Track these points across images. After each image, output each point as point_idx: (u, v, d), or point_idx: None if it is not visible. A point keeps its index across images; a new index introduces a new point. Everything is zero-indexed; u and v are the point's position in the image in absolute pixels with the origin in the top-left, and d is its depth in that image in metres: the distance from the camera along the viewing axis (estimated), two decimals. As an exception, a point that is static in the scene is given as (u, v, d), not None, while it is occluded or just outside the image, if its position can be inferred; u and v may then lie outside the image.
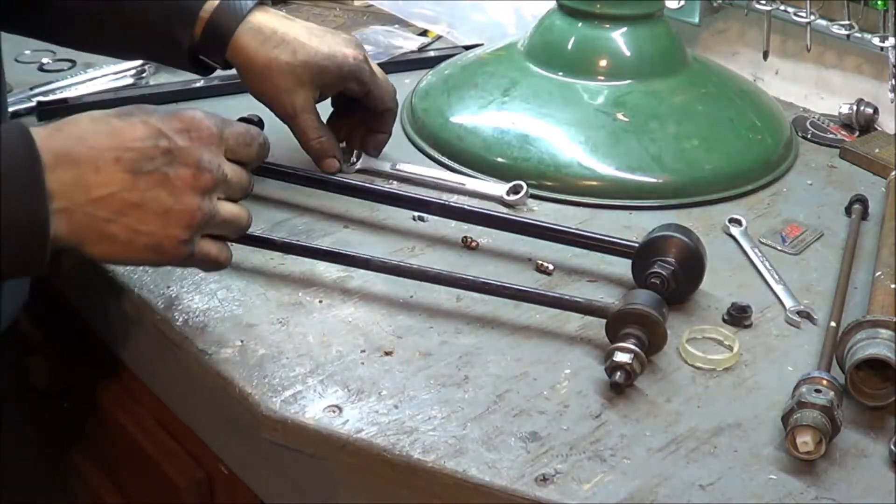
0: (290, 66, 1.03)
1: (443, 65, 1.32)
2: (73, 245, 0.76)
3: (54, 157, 0.74)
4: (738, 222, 1.06)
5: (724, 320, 0.92)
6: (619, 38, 1.19)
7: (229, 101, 1.23)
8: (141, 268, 0.96)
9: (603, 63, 1.18)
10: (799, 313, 0.93)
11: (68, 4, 1.04)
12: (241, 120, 1.12)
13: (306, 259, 0.97)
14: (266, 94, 1.06)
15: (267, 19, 1.04)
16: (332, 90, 1.09)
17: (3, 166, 0.71)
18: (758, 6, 1.30)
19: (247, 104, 1.11)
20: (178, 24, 1.03)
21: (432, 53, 1.45)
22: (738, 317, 0.92)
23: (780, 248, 1.03)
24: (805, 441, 0.75)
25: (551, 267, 0.98)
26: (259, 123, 1.13)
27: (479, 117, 1.18)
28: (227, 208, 0.83)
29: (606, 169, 1.11)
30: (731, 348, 0.88)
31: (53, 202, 0.73)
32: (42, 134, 0.74)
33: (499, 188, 1.09)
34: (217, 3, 1.03)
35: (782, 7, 1.29)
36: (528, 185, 1.10)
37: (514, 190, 1.08)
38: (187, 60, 1.05)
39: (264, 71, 1.04)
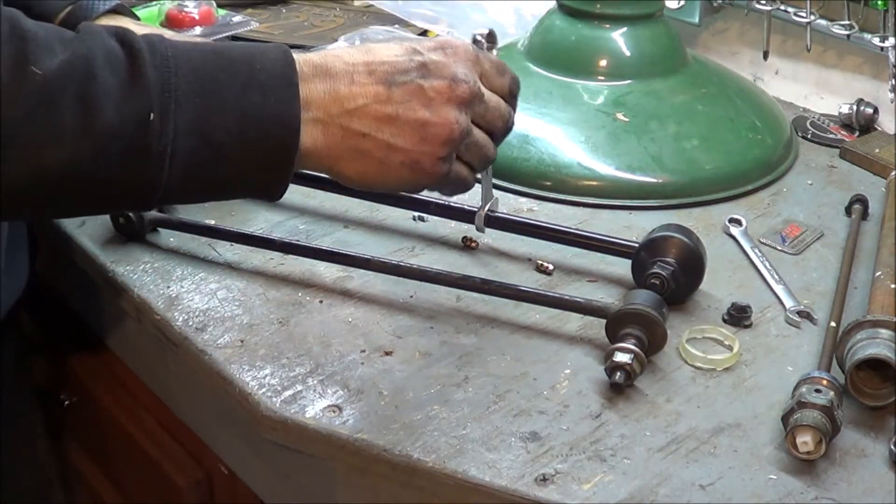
0: None
1: (443, 65, 1.32)
2: (326, 164, 0.75)
3: (312, 67, 0.74)
4: (738, 222, 1.06)
5: (724, 320, 0.92)
6: (619, 38, 1.19)
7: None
8: (141, 268, 0.96)
9: (603, 63, 1.18)
10: (799, 313, 0.93)
11: None
12: None
13: (306, 259, 0.97)
14: None
15: (111, 24, 1.03)
16: None
17: (260, 71, 0.72)
18: (758, 6, 1.30)
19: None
20: None
21: (432, 53, 1.44)
22: (738, 317, 0.92)
23: (780, 248, 1.03)
24: (805, 441, 0.75)
25: (551, 267, 0.98)
26: None
27: (479, 117, 1.17)
28: (480, 133, 0.79)
29: (606, 169, 1.11)
30: (731, 348, 0.88)
31: (308, 111, 0.72)
32: (299, 54, 0.75)
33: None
34: (70, 7, 1.01)
35: (782, 7, 1.29)
36: (528, 185, 1.10)
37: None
38: None
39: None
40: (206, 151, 0.71)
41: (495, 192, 1.11)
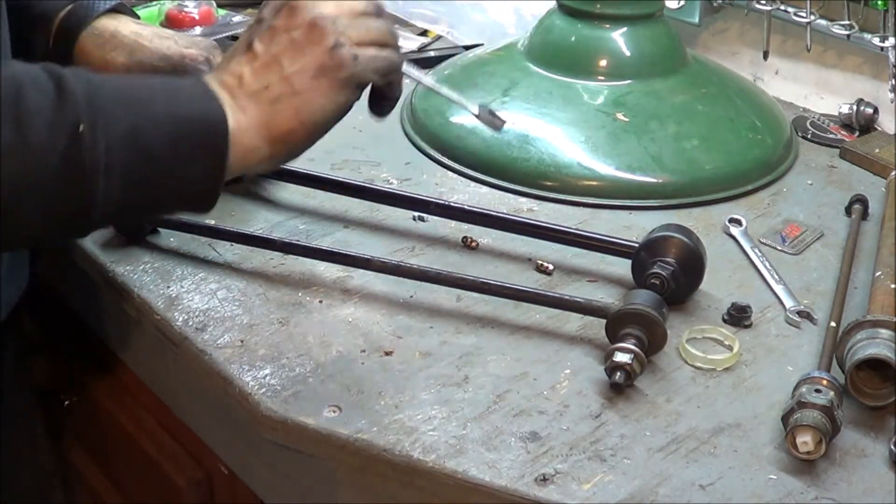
0: (126, 66, 1.01)
1: (443, 65, 1.32)
2: (264, 135, 0.78)
3: (209, 77, 0.79)
4: (738, 222, 1.06)
5: (724, 320, 0.92)
6: (619, 38, 1.19)
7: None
8: (141, 268, 0.96)
9: (603, 63, 1.18)
10: (799, 313, 0.93)
11: None
12: None
13: (306, 259, 0.97)
14: None
15: (111, 23, 1.03)
16: None
17: (178, 82, 0.78)
18: (758, 6, 1.30)
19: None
20: (36, 27, 1.02)
21: (432, 53, 1.45)
22: (738, 317, 0.92)
23: (780, 248, 1.03)
24: (805, 441, 0.75)
25: (551, 267, 0.98)
26: None
27: (479, 117, 1.17)
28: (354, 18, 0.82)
29: (606, 169, 1.11)
30: (731, 348, 0.88)
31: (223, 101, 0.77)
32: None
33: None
34: (68, 9, 1.02)
35: (782, 7, 1.29)
36: (528, 185, 1.10)
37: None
38: None
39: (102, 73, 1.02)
40: (142, 163, 0.73)
41: (495, 192, 1.11)
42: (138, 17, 1.07)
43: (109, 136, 0.72)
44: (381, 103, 0.86)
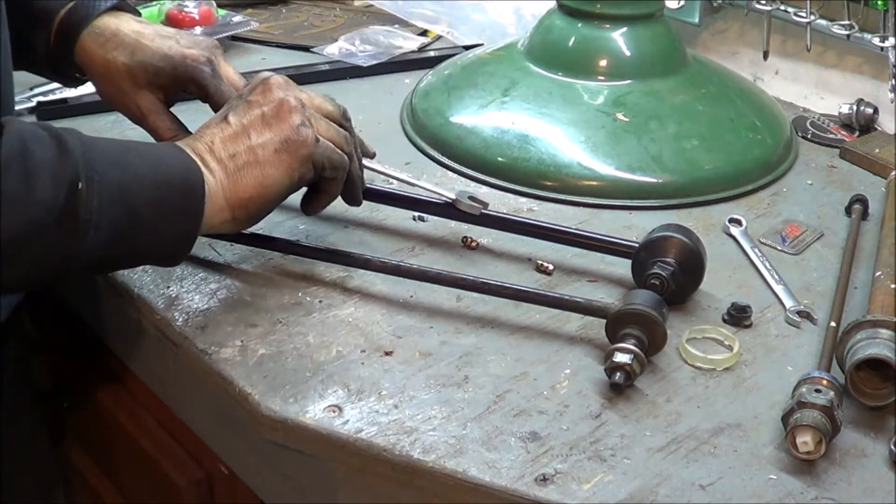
0: (127, 67, 1.01)
1: (443, 65, 1.32)
2: (230, 199, 0.87)
3: (187, 145, 0.88)
4: (738, 222, 1.06)
5: (724, 320, 0.92)
6: (619, 38, 1.19)
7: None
8: (141, 268, 0.95)
9: (603, 63, 1.18)
10: (799, 313, 0.93)
11: None
12: None
13: (306, 259, 0.97)
14: (111, 97, 1.04)
15: (112, 21, 1.03)
16: (172, 91, 1.03)
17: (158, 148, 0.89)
18: (758, 6, 1.30)
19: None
20: (36, 26, 1.02)
21: (432, 53, 1.45)
22: (738, 317, 0.92)
23: (780, 248, 1.03)
24: (805, 441, 0.75)
25: (551, 267, 0.98)
26: None
27: (479, 117, 1.18)
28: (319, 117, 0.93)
29: (606, 169, 1.11)
30: (731, 348, 0.88)
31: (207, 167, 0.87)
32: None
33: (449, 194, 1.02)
34: (71, 4, 1.01)
35: (782, 7, 1.29)
36: (528, 185, 1.10)
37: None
38: (46, 66, 1.05)
39: (104, 73, 1.02)
40: (127, 220, 0.80)
41: (495, 192, 1.11)
42: (139, 14, 1.07)
43: (102, 193, 0.78)
44: (318, 198, 0.95)
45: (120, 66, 1.00)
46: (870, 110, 1.27)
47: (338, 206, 1.06)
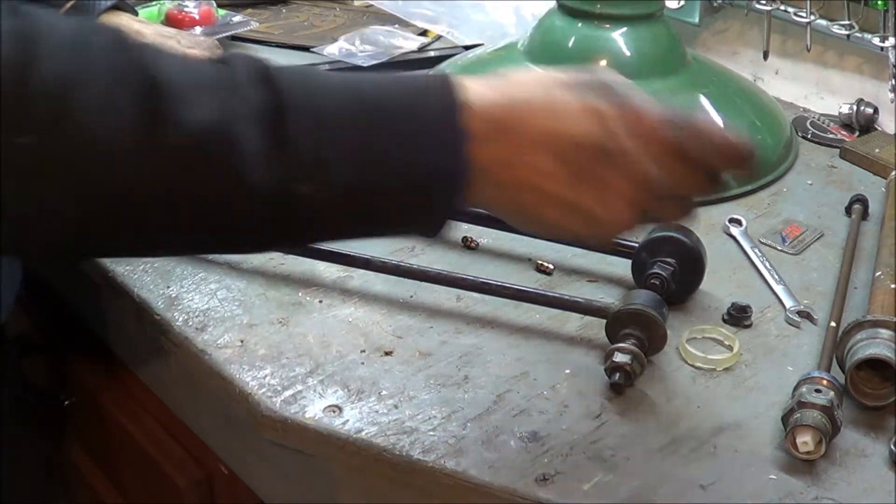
0: None
1: (443, 65, 1.32)
2: (480, 205, 0.68)
3: (487, 124, 0.64)
4: (738, 222, 1.06)
5: (724, 320, 0.92)
6: (619, 38, 1.19)
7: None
8: (141, 267, 0.95)
9: (603, 63, 1.18)
10: (799, 313, 0.93)
11: None
12: None
13: (306, 259, 0.97)
14: None
15: (112, 21, 1.02)
16: None
17: (420, 131, 0.64)
18: (758, 6, 1.30)
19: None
20: None
21: (432, 53, 1.45)
22: (738, 317, 0.92)
23: (780, 248, 1.03)
24: (805, 441, 0.75)
25: (551, 267, 0.98)
26: None
27: (479, 117, 1.17)
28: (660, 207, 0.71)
29: (606, 169, 1.11)
30: (731, 348, 0.88)
31: (478, 178, 0.65)
32: (474, 90, 0.65)
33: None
34: (71, 3, 1.00)
35: (782, 7, 1.29)
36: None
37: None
38: None
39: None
40: (356, 213, 0.65)
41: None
42: (137, 14, 1.07)
43: (328, 189, 0.62)
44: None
45: None
46: (870, 110, 1.27)
47: (338, 206, 1.06)
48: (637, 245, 0.95)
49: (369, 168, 0.63)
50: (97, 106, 0.57)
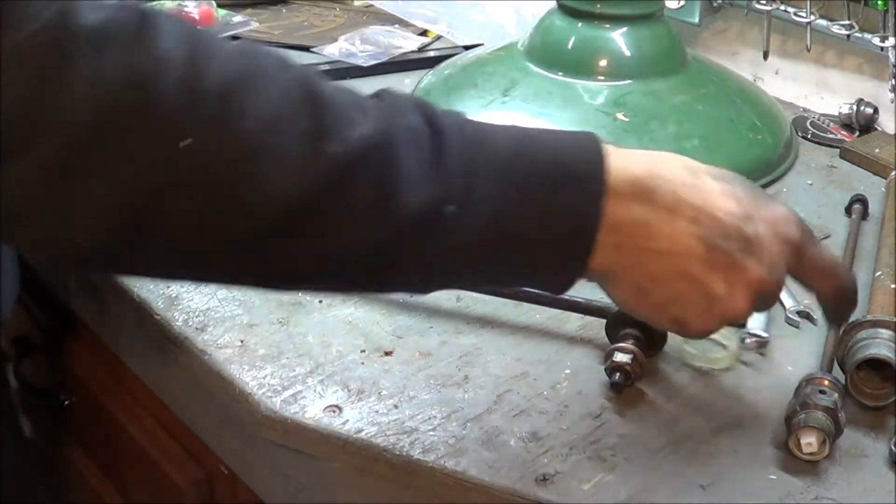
0: None
1: (443, 65, 1.32)
2: (599, 279, 0.69)
3: (630, 184, 0.65)
4: (738, 222, 1.06)
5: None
6: (619, 38, 1.19)
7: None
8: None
9: (603, 63, 1.18)
10: (799, 313, 0.93)
11: None
12: None
13: (306, 259, 0.97)
14: None
15: None
16: None
17: (567, 179, 0.64)
18: (758, 6, 1.30)
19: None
20: None
21: (432, 53, 1.45)
22: (736, 317, 0.91)
23: (780, 248, 1.03)
24: (809, 442, 0.75)
25: (551, 267, 0.98)
26: None
27: (480, 117, 1.15)
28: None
29: (606, 169, 1.11)
30: (729, 348, 0.88)
31: (611, 235, 0.65)
32: (619, 154, 0.66)
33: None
34: None
35: (782, 7, 1.29)
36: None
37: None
38: None
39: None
40: (492, 253, 0.65)
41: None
42: None
43: (473, 219, 0.63)
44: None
45: None
46: (870, 110, 1.27)
47: (338, 206, 1.06)
48: (637, 245, 0.95)
49: (510, 196, 0.63)
50: (267, 114, 0.58)
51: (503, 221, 0.63)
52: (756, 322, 0.88)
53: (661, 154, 0.69)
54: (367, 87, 0.66)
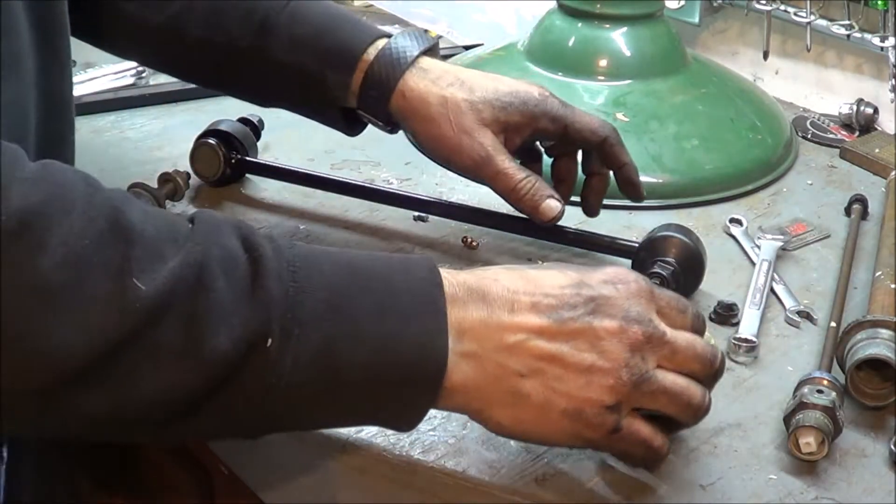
0: (470, 103, 0.91)
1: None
2: (474, 406, 0.67)
3: (465, 290, 0.66)
4: (739, 222, 1.06)
5: (711, 319, 0.91)
6: (619, 38, 1.19)
7: (229, 101, 1.22)
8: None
9: (603, 63, 1.18)
10: (799, 313, 0.93)
11: (204, 35, 0.94)
12: (240, 121, 1.12)
13: (306, 259, 0.97)
14: (443, 140, 0.92)
15: (435, 63, 0.94)
16: (520, 132, 0.93)
17: (402, 293, 0.63)
18: (758, 6, 1.30)
19: (247, 108, 1.09)
20: (336, 68, 0.92)
21: (432, 53, 1.45)
22: (724, 315, 0.91)
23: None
24: (808, 442, 0.75)
25: (551, 267, 0.98)
26: (259, 124, 1.13)
27: (479, 117, 1.17)
28: (669, 377, 0.69)
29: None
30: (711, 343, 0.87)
31: (460, 342, 0.65)
32: (449, 271, 0.67)
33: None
34: (381, 47, 0.92)
35: (782, 7, 1.29)
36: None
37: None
38: (337, 110, 0.95)
39: (440, 110, 0.91)
40: (325, 384, 0.62)
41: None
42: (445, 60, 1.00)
43: (299, 352, 0.60)
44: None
45: (461, 101, 0.91)
46: (870, 110, 1.27)
47: (338, 206, 1.07)
48: (637, 245, 0.95)
49: (341, 327, 0.61)
50: (69, 250, 0.55)
51: (334, 355, 0.61)
52: (747, 327, 0.88)
53: (484, 268, 0.70)
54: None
